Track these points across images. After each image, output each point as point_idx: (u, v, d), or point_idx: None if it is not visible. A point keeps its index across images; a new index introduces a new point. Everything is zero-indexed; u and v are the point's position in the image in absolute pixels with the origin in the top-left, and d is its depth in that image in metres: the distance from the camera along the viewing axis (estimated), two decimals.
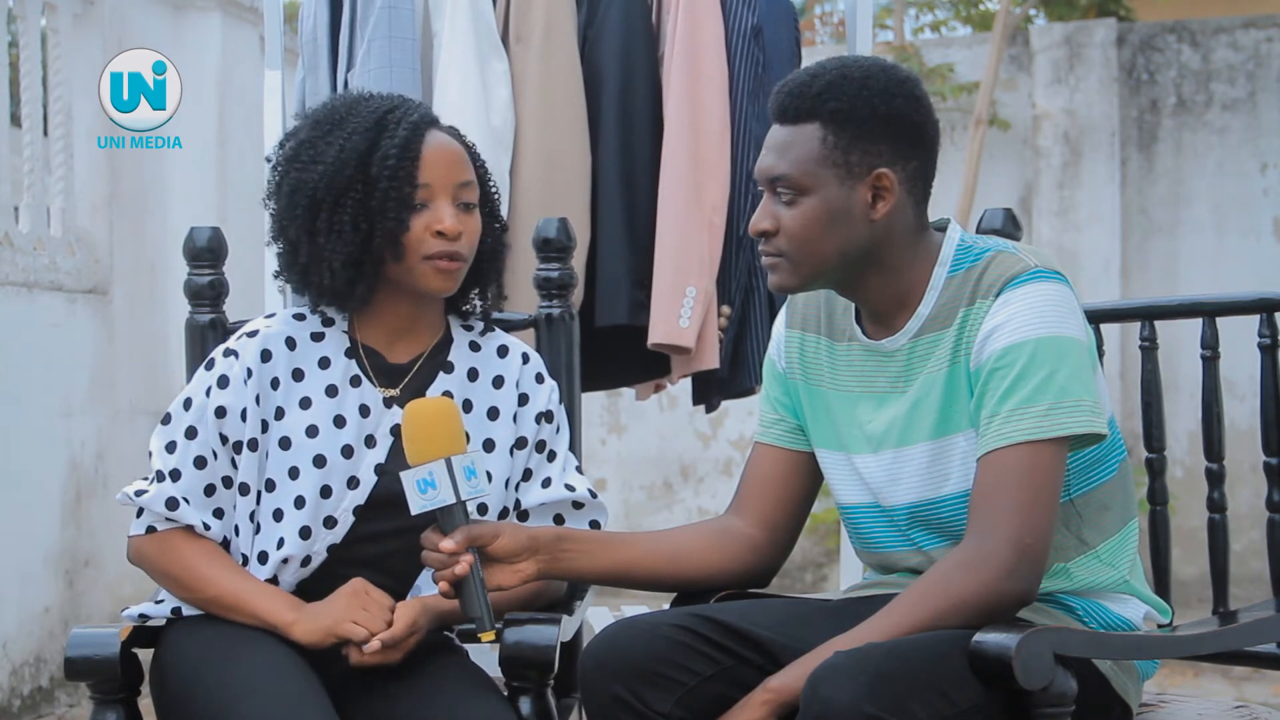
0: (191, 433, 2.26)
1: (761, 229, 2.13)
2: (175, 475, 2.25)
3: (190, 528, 2.24)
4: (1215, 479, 2.51)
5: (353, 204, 2.22)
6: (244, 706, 2.06)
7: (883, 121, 2.08)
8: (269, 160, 2.34)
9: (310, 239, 2.24)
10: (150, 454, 2.29)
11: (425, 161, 2.24)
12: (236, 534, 2.27)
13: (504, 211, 2.65)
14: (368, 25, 3.17)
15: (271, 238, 2.31)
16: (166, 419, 2.29)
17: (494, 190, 2.38)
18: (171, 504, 2.24)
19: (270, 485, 2.25)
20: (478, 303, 2.39)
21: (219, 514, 2.26)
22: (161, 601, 2.27)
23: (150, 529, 2.26)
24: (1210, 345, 2.51)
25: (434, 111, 2.98)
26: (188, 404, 2.28)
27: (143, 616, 2.26)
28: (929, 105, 2.14)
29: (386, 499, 2.22)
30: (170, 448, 2.27)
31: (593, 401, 6.96)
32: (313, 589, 2.23)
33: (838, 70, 2.11)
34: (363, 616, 2.15)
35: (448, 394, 2.31)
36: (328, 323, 2.33)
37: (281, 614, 2.18)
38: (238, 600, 2.20)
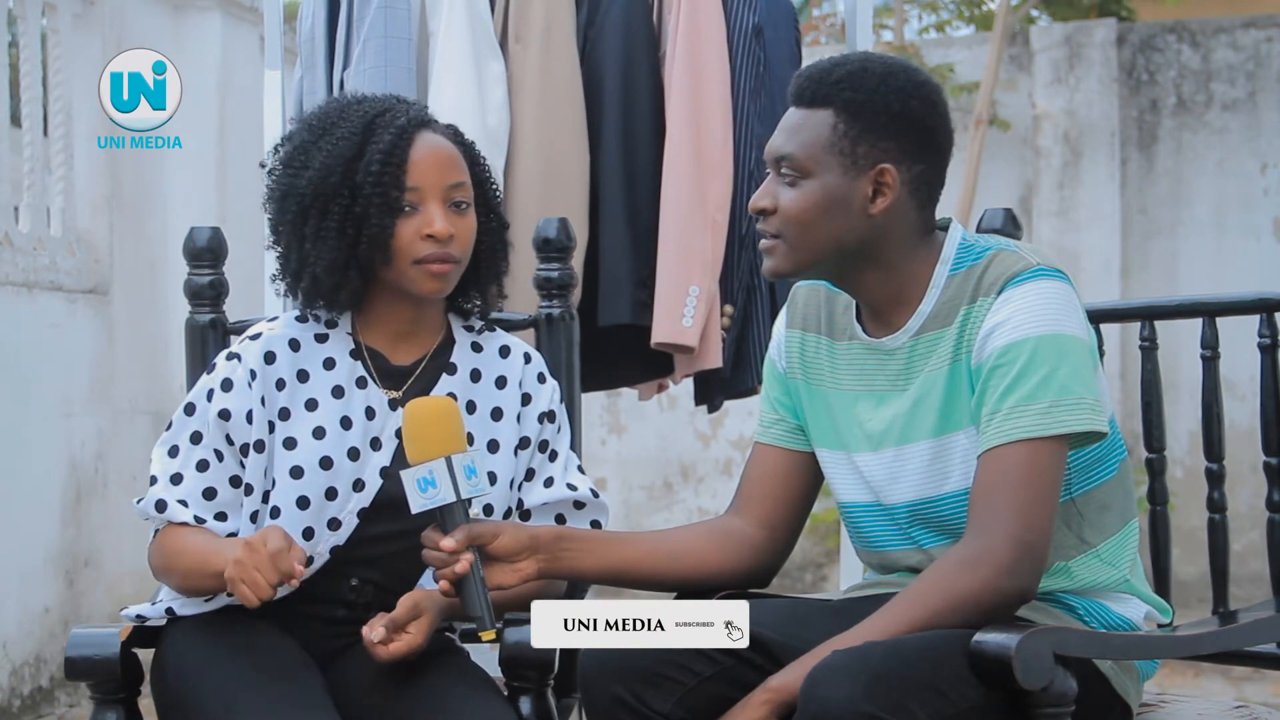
0: (196, 437, 2.26)
1: (760, 206, 2.14)
2: (176, 479, 2.25)
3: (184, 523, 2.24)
4: (1215, 479, 2.51)
5: (339, 210, 2.22)
6: (244, 707, 2.06)
7: (895, 119, 2.09)
8: (263, 166, 2.34)
9: (299, 244, 2.25)
10: (152, 460, 2.28)
11: (413, 165, 2.23)
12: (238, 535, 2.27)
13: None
14: (364, 25, 3.17)
15: (270, 241, 2.32)
16: (169, 425, 2.29)
17: (494, 188, 2.37)
18: (160, 506, 2.24)
19: (275, 484, 2.24)
20: (477, 302, 2.39)
21: (221, 518, 2.25)
22: (158, 602, 2.27)
23: (155, 532, 2.27)
24: (1210, 345, 2.51)
25: (430, 111, 2.95)
26: (190, 409, 2.28)
27: (140, 617, 2.26)
28: (945, 113, 2.14)
29: (391, 502, 2.21)
30: (172, 452, 2.27)
31: (593, 401, 6.95)
32: (314, 588, 2.23)
33: (860, 62, 2.13)
34: (249, 575, 2.05)
35: (451, 395, 2.30)
36: (331, 324, 2.32)
37: (219, 567, 2.12)
38: (200, 569, 2.16)
